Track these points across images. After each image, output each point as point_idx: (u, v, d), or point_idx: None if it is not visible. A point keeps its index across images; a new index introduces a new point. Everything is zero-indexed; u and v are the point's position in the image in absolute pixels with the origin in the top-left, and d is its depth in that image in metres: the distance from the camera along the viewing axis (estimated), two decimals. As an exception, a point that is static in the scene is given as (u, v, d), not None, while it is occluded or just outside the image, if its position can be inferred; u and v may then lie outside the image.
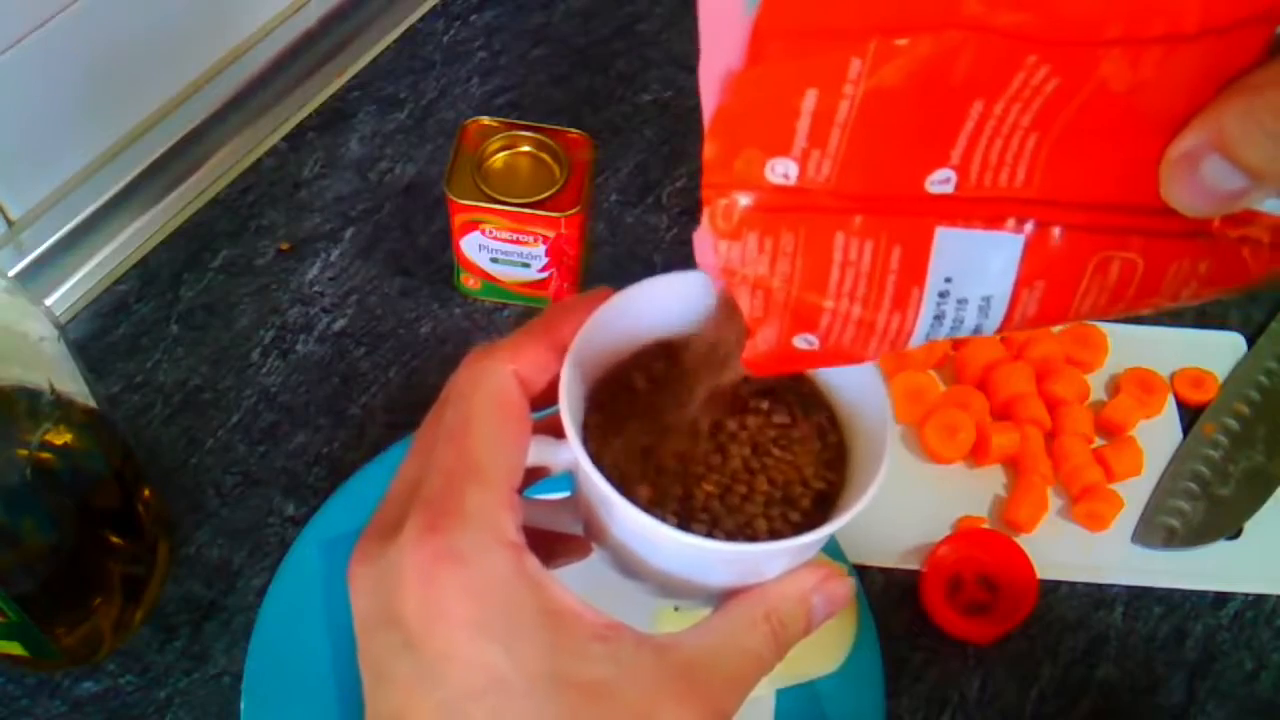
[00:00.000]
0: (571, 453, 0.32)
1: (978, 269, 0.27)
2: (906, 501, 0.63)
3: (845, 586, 0.33)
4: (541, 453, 0.33)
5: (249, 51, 0.76)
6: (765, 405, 0.35)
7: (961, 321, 0.28)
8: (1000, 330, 0.28)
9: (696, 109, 0.27)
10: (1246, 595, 0.61)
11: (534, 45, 0.84)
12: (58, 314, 0.63)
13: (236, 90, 0.76)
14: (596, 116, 0.79)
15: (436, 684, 0.28)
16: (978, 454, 0.64)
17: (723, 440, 0.34)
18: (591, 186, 0.65)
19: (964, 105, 0.24)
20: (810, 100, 0.24)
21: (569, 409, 0.32)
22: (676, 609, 0.53)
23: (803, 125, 0.25)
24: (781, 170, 0.26)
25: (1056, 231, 0.26)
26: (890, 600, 0.60)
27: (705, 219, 0.27)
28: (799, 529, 0.32)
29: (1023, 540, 0.60)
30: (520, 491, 0.32)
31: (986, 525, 0.62)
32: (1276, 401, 0.68)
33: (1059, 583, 0.61)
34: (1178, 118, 0.24)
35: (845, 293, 0.28)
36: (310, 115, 0.78)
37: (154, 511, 0.58)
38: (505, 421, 0.31)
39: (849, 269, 0.27)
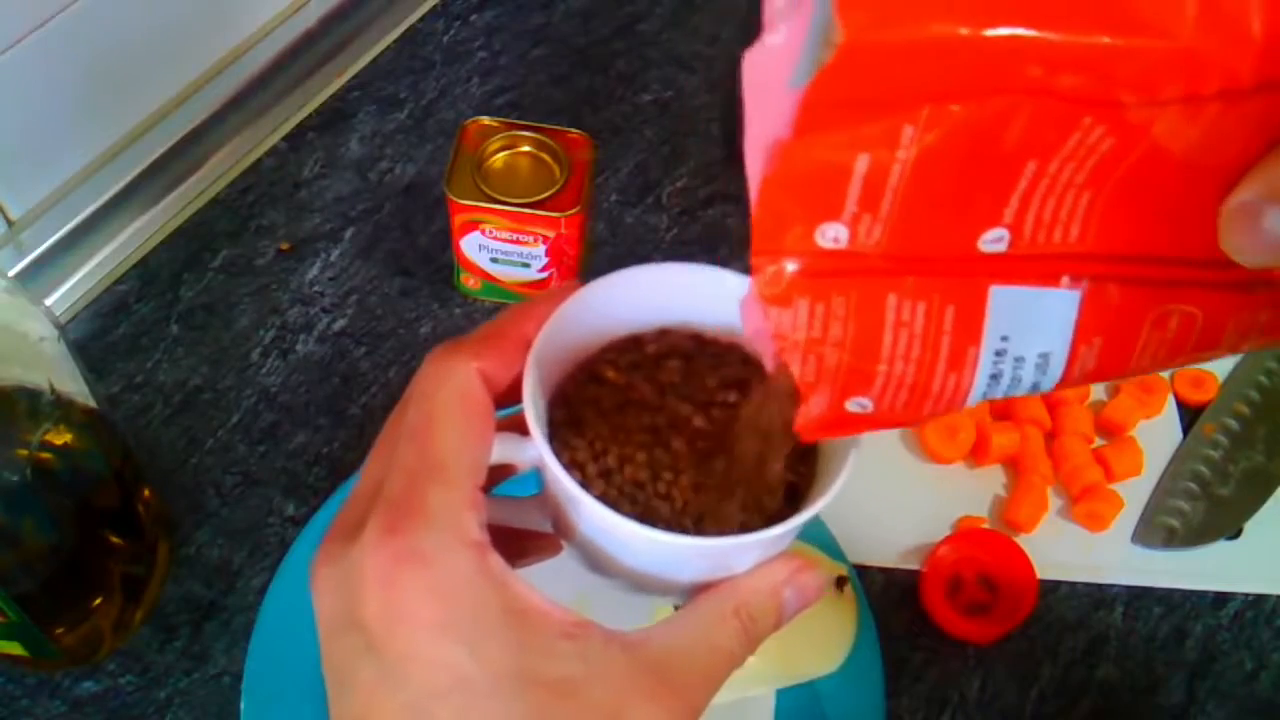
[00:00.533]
0: (536, 450, 0.31)
1: (1034, 326, 0.27)
2: (906, 501, 0.63)
3: (817, 578, 0.33)
4: (506, 450, 0.32)
5: (249, 51, 0.76)
6: (734, 398, 0.34)
7: (1020, 380, 0.28)
8: (1059, 387, 0.28)
9: (697, 109, 0.27)
10: (1246, 595, 0.61)
11: (534, 45, 0.84)
12: (58, 314, 0.63)
13: (236, 90, 0.76)
14: (596, 116, 0.79)
15: (399, 686, 0.28)
16: (978, 454, 0.64)
17: (691, 434, 0.34)
18: (591, 186, 0.65)
19: (1017, 166, 0.24)
20: (861, 165, 0.24)
21: (532, 405, 0.32)
22: (676, 609, 0.53)
23: (853, 190, 0.24)
24: (832, 235, 0.25)
25: (1113, 287, 0.26)
26: (890, 600, 0.60)
27: (754, 286, 0.27)
28: (768, 522, 0.32)
29: (1023, 540, 0.60)
30: (487, 490, 0.32)
31: (986, 525, 0.62)
32: (1276, 401, 0.68)
33: (1059, 583, 0.61)
34: (1235, 170, 0.24)
35: (900, 355, 0.27)
36: (310, 115, 0.78)
37: (154, 511, 0.58)
38: (468, 419, 0.31)
39: (902, 330, 0.27)
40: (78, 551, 0.52)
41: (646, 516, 0.32)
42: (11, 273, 0.66)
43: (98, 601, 0.54)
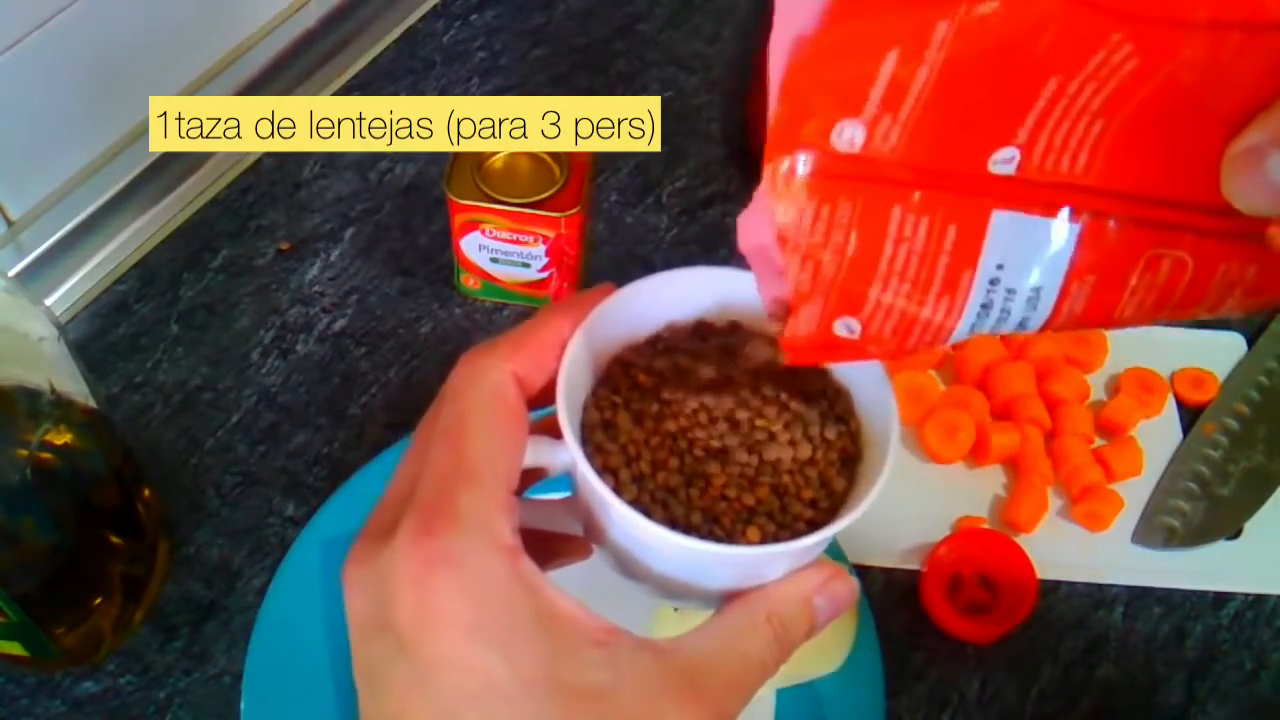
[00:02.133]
0: (569, 454, 0.31)
1: (1030, 257, 0.27)
2: (906, 501, 0.63)
3: (849, 586, 0.33)
4: (539, 453, 0.32)
5: (249, 51, 0.76)
6: (774, 403, 0.34)
7: (1008, 314, 0.28)
8: (1045, 327, 0.28)
9: (697, 109, 0.27)
10: (1246, 595, 0.61)
11: (534, 45, 0.84)
12: (58, 314, 0.63)
13: (236, 90, 0.76)
14: (596, 116, 0.79)
15: (431, 690, 0.28)
16: (978, 454, 0.64)
17: (727, 439, 0.33)
18: (591, 186, 0.65)
19: (1039, 81, 0.24)
20: (890, 62, 0.24)
21: (566, 408, 0.32)
22: (676, 610, 0.53)
23: (878, 88, 0.25)
24: (848, 136, 0.26)
25: (1112, 223, 0.26)
26: (890, 600, 0.60)
27: (765, 180, 0.27)
28: (800, 532, 0.32)
29: (1023, 540, 0.60)
30: (519, 493, 0.32)
31: (986, 525, 0.62)
32: (1276, 401, 0.68)
33: (1059, 583, 0.61)
34: (1243, 113, 0.24)
35: (895, 271, 0.27)
36: (310, 115, 0.78)
37: (154, 511, 0.58)
38: (501, 422, 0.31)
39: (902, 245, 0.27)
40: (78, 551, 0.52)
41: (678, 523, 0.32)
42: (11, 273, 0.66)
43: (98, 601, 0.54)
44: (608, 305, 0.34)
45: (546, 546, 0.36)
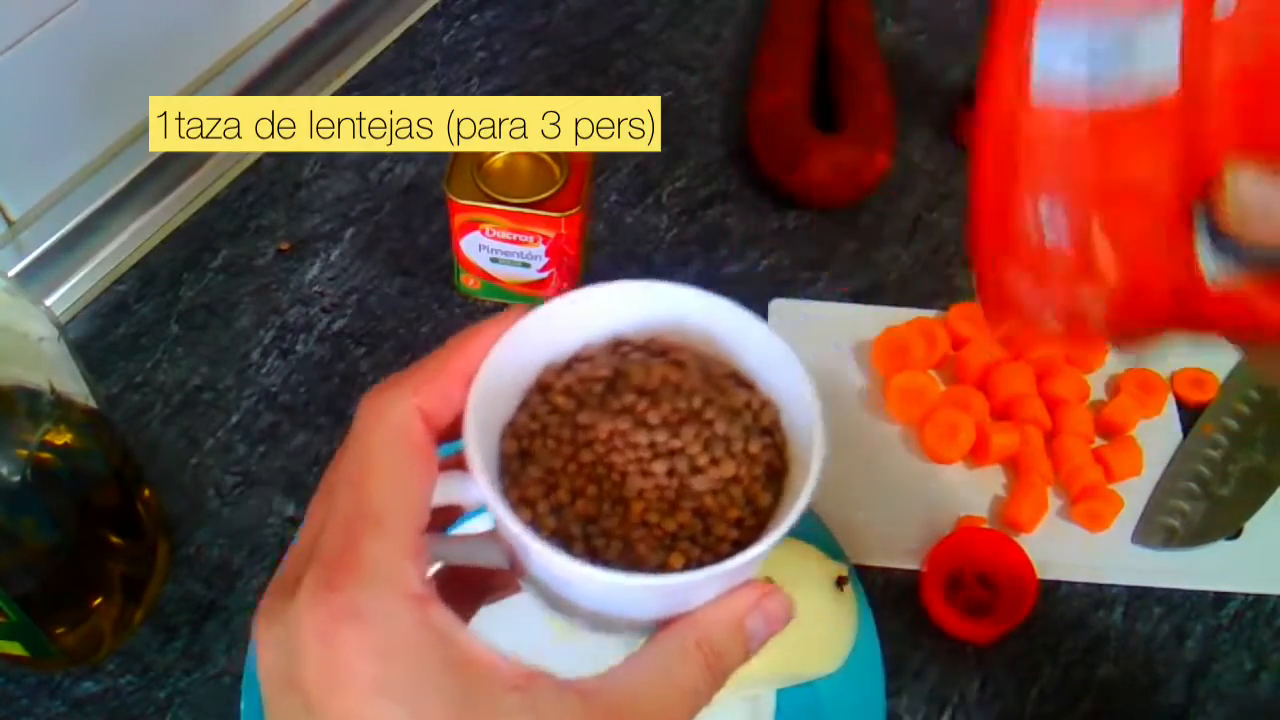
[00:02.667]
0: (480, 489, 0.30)
1: None
2: (906, 501, 0.63)
3: (782, 605, 0.31)
4: (451, 491, 0.31)
5: (249, 51, 0.76)
6: (694, 421, 0.33)
7: None
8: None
9: (697, 109, 0.27)
10: (1246, 595, 0.61)
11: (534, 45, 0.84)
12: (58, 314, 0.63)
13: (236, 90, 0.76)
14: (596, 116, 0.79)
15: None
16: (978, 454, 0.64)
17: (646, 463, 0.32)
18: (591, 186, 0.65)
19: None
20: None
21: (475, 442, 0.30)
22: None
23: None
24: None
25: None
26: (890, 600, 0.60)
27: None
28: (726, 554, 0.30)
29: (1023, 540, 0.60)
30: (443, 529, 0.31)
31: (986, 525, 0.62)
32: (1276, 401, 0.68)
33: (1059, 583, 0.61)
34: None
35: None
36: (310, 115, 0.78)
37: (154, 511, 0.58)
38: (406, 462, 0.30)
39: None
40: (78, 551, 0.52)
41: (599, 554, 0.31)
42: (11, 273, 0.66)
43: (98, 601, 0.54)
44: (520, 328, 0.33)
45: (477, 583, 0.35)
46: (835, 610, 0.52)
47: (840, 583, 0.53)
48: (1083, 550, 0.62)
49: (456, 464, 0.31)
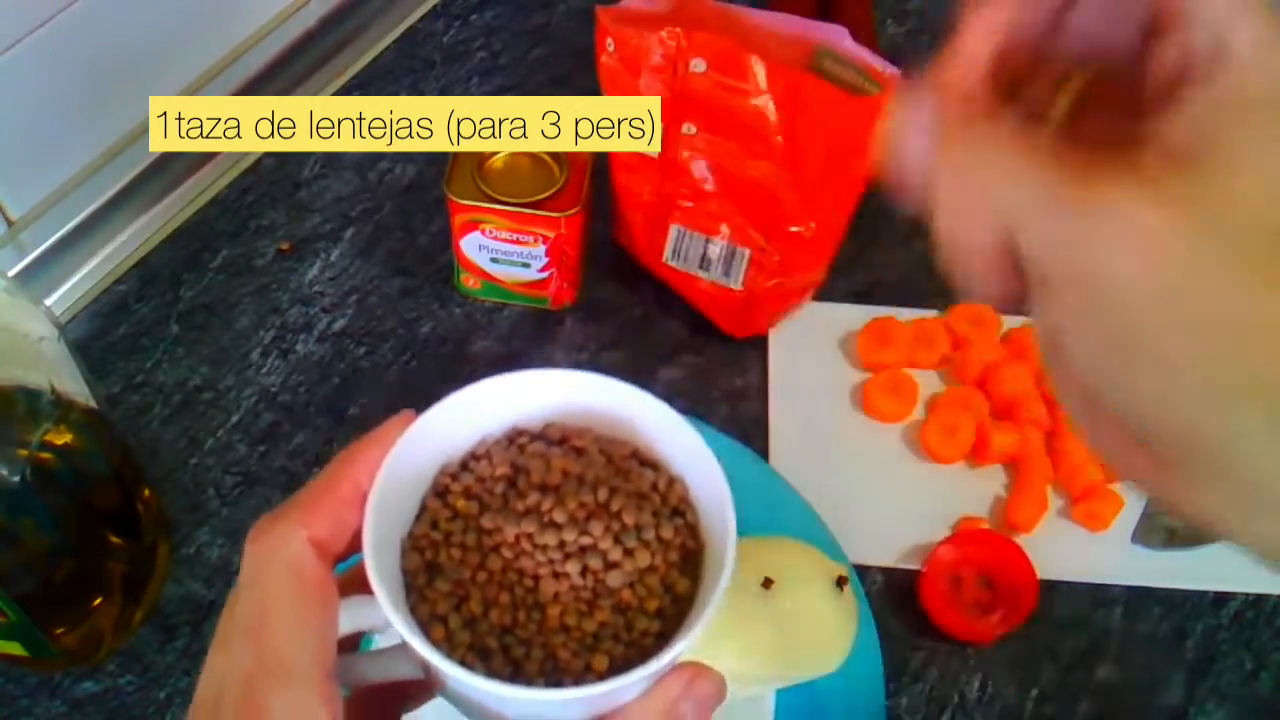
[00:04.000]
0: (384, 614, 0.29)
1: None
2: (906, 501, 0.63)
3: (713, 684, 0.30)
4: (356, 616, 0.30)
5: (249, 51, 0.76)
6: (602, 514, 0.32)
7: None
8: None
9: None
10: (1246, 595, 0.61)
11: (534, 45, 0.84)
12: (58, 314, 0.63)
13: (236, 90, 0.76)
14: (596, 116, 0.79)
15: None
16: (978, 454, 0.64)
17: (558, 564, 0.31)
18: (591, 186, 0.65)
19: None
20: None
21: (375, 565, 0.29)
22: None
23: None
24: None
25: None
26: (890, 600, 0.60)
27: None
28: (649, 648, 0.30)
29: (1023, 540, 0.60)
30: (354, 648, 0.30)
31: (986, 525, 0.62)
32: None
33: (1059, 583, 0.61)
34: None
35: None
36: (310, 115, 0.78)
37: (154, 511, 0.58)
38: (304, 603, 0.29)
39: None
40: (78, 551, 0.52)
41: (520, 666, 0.30)
42: (11, 273, 0.66)
43: (98, 601, 0.54)
44: (411, 434, 0.31)
45: (395, 694, 0.34)
46: (835, 610, 0.52)
47: (840, 583, 0.53)
48: (1083, 550, 0.62)
49: (359, 578, 0.30)
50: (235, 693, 0.28)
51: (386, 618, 0.29)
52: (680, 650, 0.29)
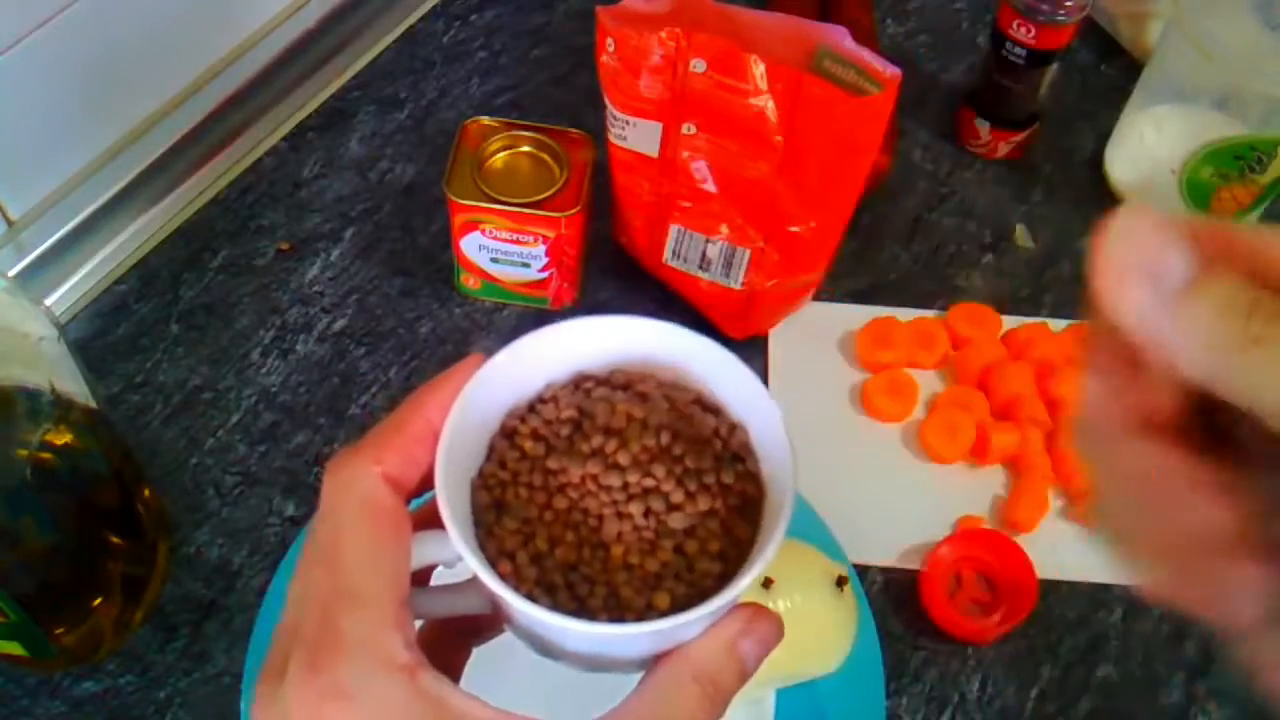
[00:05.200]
0: (455, 549, 0.30)
1: None
2: (906, 501, 0.63)
3: (772, 623, 0.31)
4: (427, 551, 0.31)
5: (249, 51, 0.76)
6: (665, 457, 0.32)
7: None
8: None
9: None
10: (1246, 595, 0.61)
11: (534, 45, 0.84)
12: (58, 314, 0.63)
13: (236, 90, 0.76)
14: (597, 116, 0.79)
15: None
16: (978, 454, 0.64)
17: (622, 504, 0.32)
18: (591, 186, 0.65)
19: None
20: None
21: (447, 501, 0.30)
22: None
23: None
24: None
25: None
26: (890, 600, 0.60)
27: None
28: (710, 589, 0.31)
29: (1023, 540, 0.60)
30: (425, 583, 0.31)
31: (986, 525, 0.62)
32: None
33: (1059, 583, 0.61)
34: None
35: None
36: (310, 115, 0.78)
37: (154, 511, 0.58)
38: (377, 534, 0.29)
39: None
40: (78, 551, 0.52)
41: (584, 603, 0.30)
42: (11, 273, 0.66)
43: (98, 601, 0.54)
44: (481, 377, 0.32)
45: (466, 627, 0.35)
46: (835, 610, 0.52)
47: (840, 583, 0.53)
48: (1083, 550, 0.62)
49: (430, 515, 0.31)
50: (313, 616, 0.29)
51: (457, 552, 0.29)
52: (740, 590, 0.30)
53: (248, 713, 0.53)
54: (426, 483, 0.31)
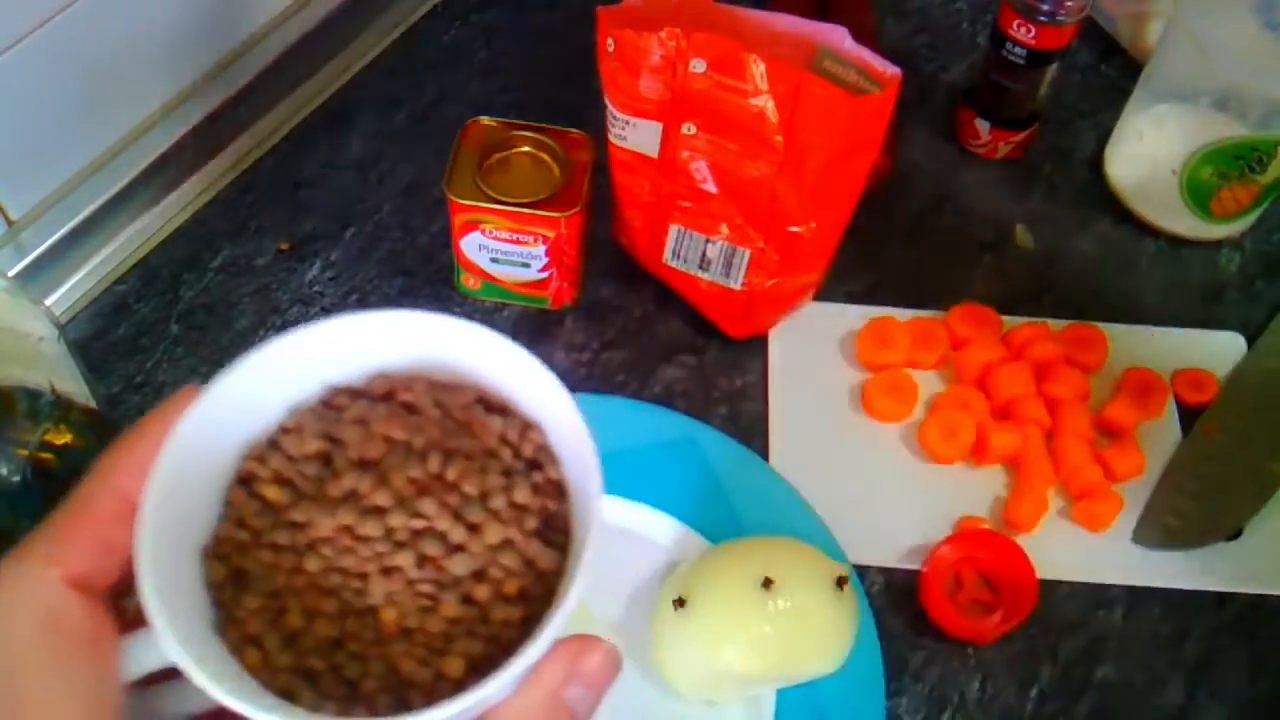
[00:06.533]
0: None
1: None
2: (906, 501, 0.63)
3: (603, 656, 0.26)
4: (146, 656, 0.24)
5: (249, 51, 0.76)
6: (436, 486, 0.26)
7: None
8: None
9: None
10: (1246, 595, 0.61)
11: (535, 45, 0.84)
12: (58, 314, 0.63)
13: (236, 90, 0.76)
14: (597, 116, 0.79)
15: None
16: (978, 454, 0.64)
17: (389, 554, 0.25)
18: (591, 186, 0.65)
19: None
20: None
21: (154, 590, 0.23)
22: (676, 610, 0.53)
23: None
24: None
25: None
26: (890, 600, 0.60)
27: None
28: (513, 640, 0.25)
29: (1023, 540, 0.60)
30: (167, 679, 0.25)
31: (986, 525, 0.62)
32: (1276, 401, 0.68)
33: (1059, 583, 0.61)
34: None
35: None
36: (310, 115, 0.78)
37: (154, 511, 0.58)
38: (61, 658, 0.23)
39: None
40: (78, 551, 0.52)
41: (358, 687, 0.25)
42: (11, 273, 0.66)
43: (98, 601, 0.54)
44: (195, 416, 0.25)
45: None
46: (835, 610, 0.52)
47: (840, 583, 0.53)
48: (1083, 550, 0.62)
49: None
50: None
51: (167, 653, 0.23)
52: (551, 636, 0.24)
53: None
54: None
